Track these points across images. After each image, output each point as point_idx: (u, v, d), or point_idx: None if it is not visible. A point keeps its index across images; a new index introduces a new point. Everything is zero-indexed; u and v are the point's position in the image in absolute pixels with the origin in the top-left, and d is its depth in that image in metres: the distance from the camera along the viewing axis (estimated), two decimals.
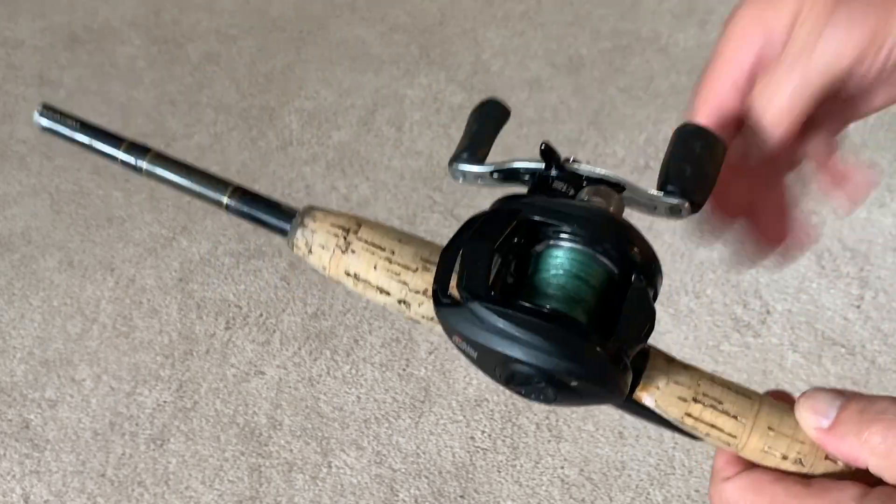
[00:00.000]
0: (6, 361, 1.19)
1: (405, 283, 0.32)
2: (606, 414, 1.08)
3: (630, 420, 1.07)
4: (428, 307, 0.32)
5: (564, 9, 1.73)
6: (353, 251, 0.33)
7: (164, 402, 1.13)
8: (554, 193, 0.33)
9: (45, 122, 0.36)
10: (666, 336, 1.15)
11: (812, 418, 0.31)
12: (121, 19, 1.79)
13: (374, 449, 1.07)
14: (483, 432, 1.08)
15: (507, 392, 0.30)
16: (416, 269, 0.33)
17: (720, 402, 0.32)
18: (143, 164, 0.35)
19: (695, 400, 0.32)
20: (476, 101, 0.37)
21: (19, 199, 1.42)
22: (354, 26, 1.73)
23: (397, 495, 1.03)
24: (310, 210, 0.34)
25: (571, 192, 0.33)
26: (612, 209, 0.33)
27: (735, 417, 0.32)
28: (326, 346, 1.18)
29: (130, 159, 0.35)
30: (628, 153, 1.41)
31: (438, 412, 1.10)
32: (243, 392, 1.14)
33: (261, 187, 1.45)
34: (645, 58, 1.59)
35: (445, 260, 0.31)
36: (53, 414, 1.13)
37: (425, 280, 0.32)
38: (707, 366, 1.17)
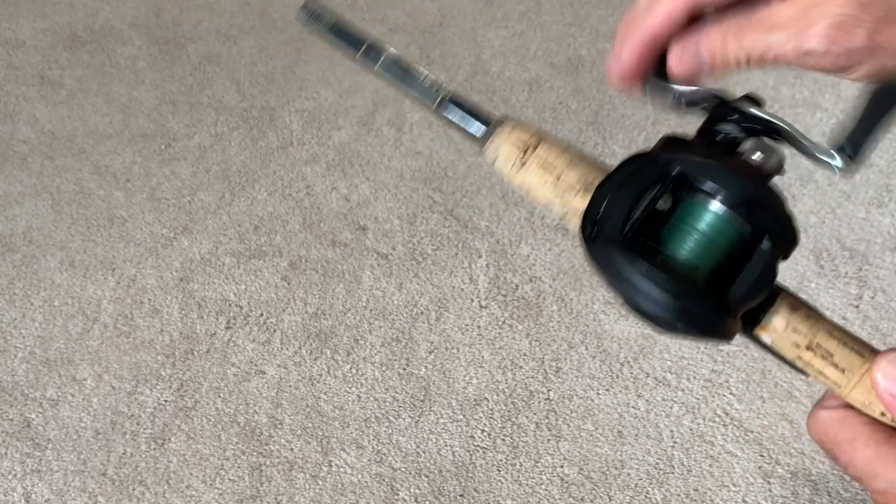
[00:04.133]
0: (7, 361, 1.19)
1: (567, 203, 0.38)
2: (606, 413, 1.09)
3: (629, 419, 1.08)
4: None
5: (564, 9, 1.73)
6: (528, 168, 0.38)
7: (165, 401, 1.14)
8: (717, 142, 0.36)
9: (304, 17, 0.42)
10: (664, 336, 1.15)
11: (887, 384, 0.33)
12: (122, 20, 1.80)
13: (374, 448, 1.07)
14: (483, 431, 1.08)
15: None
16: (579, 190, 0.37)
17: (831, 355, 0.34)
18: (376, 67, 0.41)
19: (808, 348, 0.35)
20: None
21: (21, 200, 1.42)
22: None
23: (397, 494, 1.03)
24: (501, 123, 0.39)
25: (741, 136, 0.35)
26: (767, 166, 0.35)
27: (843, 371, 0.34)
28: (327, 346, 1.18)
29: (368, 62, 0.41)
30: (627, 153, 1.41)
31: (438, 411, 1.10)
32: (244, 391, 1.14)
33: (261, 187, 1.44)
34: None
35: (597, 197, 0.35)
36: (55, 413, 1.13)
37: (584, 201, 0.37)
38: (706, 365, 1.17)
